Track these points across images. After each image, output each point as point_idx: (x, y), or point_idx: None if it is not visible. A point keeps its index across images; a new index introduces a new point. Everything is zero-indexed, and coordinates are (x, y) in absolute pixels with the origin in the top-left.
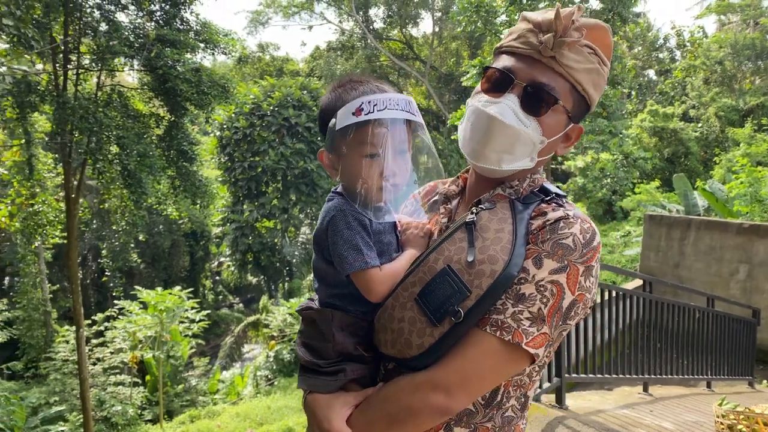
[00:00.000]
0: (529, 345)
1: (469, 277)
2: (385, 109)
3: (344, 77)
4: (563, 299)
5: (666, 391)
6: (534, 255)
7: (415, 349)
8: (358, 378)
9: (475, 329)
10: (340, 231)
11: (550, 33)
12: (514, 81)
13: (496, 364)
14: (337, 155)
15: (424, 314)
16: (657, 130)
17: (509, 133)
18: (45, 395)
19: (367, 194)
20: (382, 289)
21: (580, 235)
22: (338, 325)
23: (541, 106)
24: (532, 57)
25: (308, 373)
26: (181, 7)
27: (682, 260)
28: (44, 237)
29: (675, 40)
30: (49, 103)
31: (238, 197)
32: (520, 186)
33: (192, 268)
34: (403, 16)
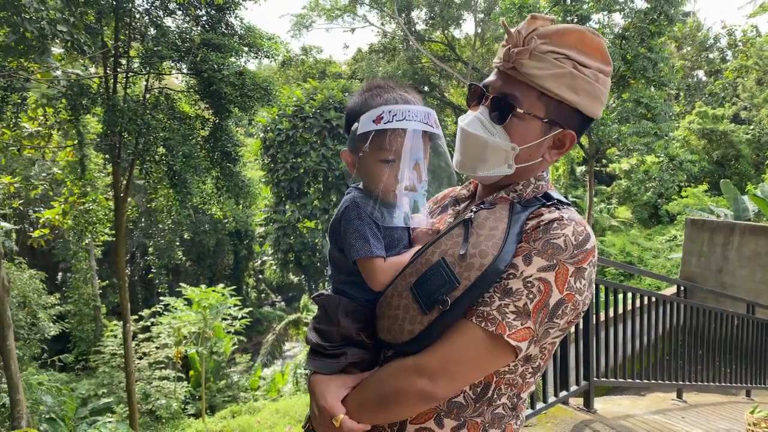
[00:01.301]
0: (512, 337)
1: (460, 270)
2: (403, 120)
3: (373, 81)
4: (550, 297)
5: (701, 398)
6: (524, 252)
7: (406, 335)
8: (358, 362)
9: (462, 319)
10: (352, 221)
11: (511, 46)
12: (485, 93)
13: (479, 353)
14: (357, 157)
15: (416, 302)
16: (706, 133)
17: (476, 143)
18: (94, 387)
19: (381, 196)
20: (384, 279)
21: (572, 237)
22: (344, 311)
23: (505, 114)
24: (500, 69)
25: (314, 355)
26: (227, 12)
27: (725, 266)
28: (94, 234)
29: (726, 39)
30: (100, 105)
31: (281, 198)
32: (523, 191)
33: (236, 266)
34: (446, 17)
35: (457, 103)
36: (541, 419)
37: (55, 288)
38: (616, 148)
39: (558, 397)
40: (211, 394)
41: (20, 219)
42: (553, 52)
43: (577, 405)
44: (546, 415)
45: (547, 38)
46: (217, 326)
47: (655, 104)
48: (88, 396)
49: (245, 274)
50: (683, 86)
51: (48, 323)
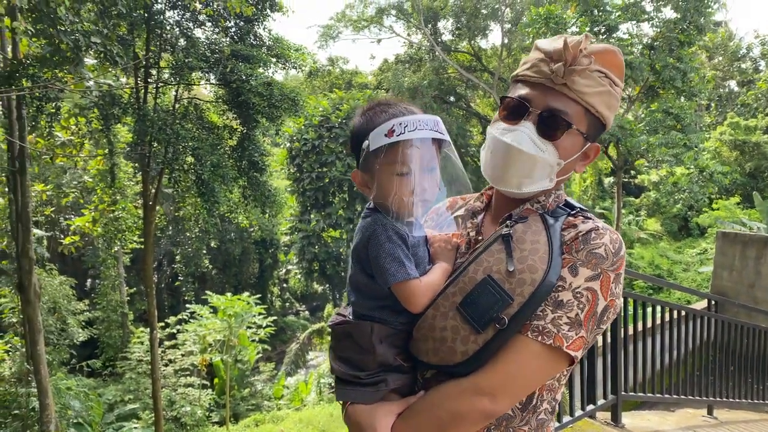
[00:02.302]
0: (570, 348)
1: (511, 286)
2: (415, 130)
3: (373, 101)
4: (597, 305)
5: (733, 415)
6: (570, 264)
7: (459, 356)
8: (398, 388)
9: (517, 335)
10: (382, 244)
11: (560, 62)
12: (530, 108)
13: (537, 367)
14: (371, 174)
15: (466, 322)
16: (738, 144)
17: (527, 160)
18: (120, 393)
19: (400, 210)
20: (423, 300)
21: (611, 245)
22: (378, 337)
23: (556, 131)
24: (545, 85)
25: (348, 386)
26: (255, 23)
27: (758, 280)
28: (123, 242)
29: (759, 49)
30: (131, 115)
31: (306, 207)
32: (546, 201)
33: (261, 274)
34: (472, 28)
35: (483, 114)
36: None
37: (84, 294)
38: (644, 159)
39: (585, 410)
40: (235, 402)
41: (52, 226)
42: (597, 70)
43: (604, 419)
44: (572, 429)
45: (593, 56)
46: (241, 334)
47: (685, 115)
48: (114, 402)
49: (270, 283)
50: (714, 97)
51: (77, 329)
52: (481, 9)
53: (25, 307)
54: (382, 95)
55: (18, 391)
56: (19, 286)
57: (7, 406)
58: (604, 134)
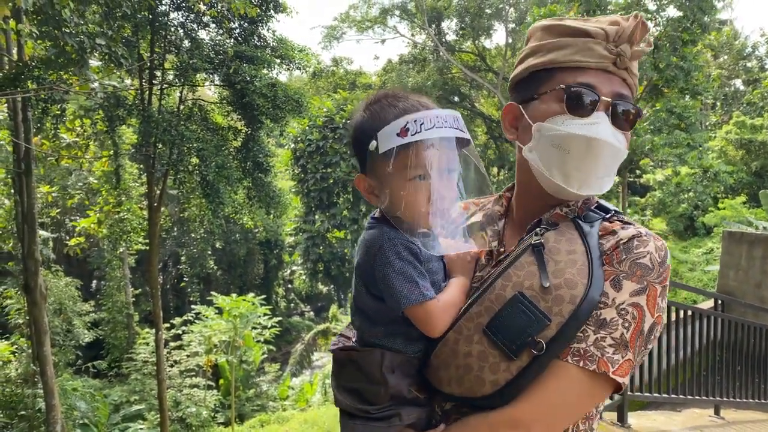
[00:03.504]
0: (616, 374)
1: (546, 304)
2: (433, 128)
3: (378, 93)
4: (644, 322)
5: (740, 415)
6: (612, 277)
7: (488, 387)
8: (414, 422)
9: (555, 360)
10: (391, 262)
11: (626, 43)
12: (600, 98)
13: (579, 396)
14: (379, 180)
15: (495, 347)
16: (744, 143)
17: (615, 155)
18: (126, 394)
19: (415, 221)
20: (443, 323)
21: (656, 254)
22: (389, 367)
23: (630, 120)
24: (606, 70)
25: (356, 420)
26: (259, 24)
27: (765, 279)
28: (128, 243)
29: (765, 47)
30: (136, 116)
31: (311, 208)
32: (576, 205)
33: (266, 275)
34: (476, 28)
35: (488, 114)
36: None
37: (89, 295)
38: (649, 158)
39: None
40: (240, 402)
41: (57, 228)
42: None
43: (610, 419)
44: None
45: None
46: (246, 335)
47: (689, 114)
48: (120, 402)
49: (275, 284)
50: (720, 95)
51: (83, 330)
52: (485, 9)
53: (31, 309)
54: None
55: (24, 392)
56: (25, 287)
57: (14, 407)
58: None
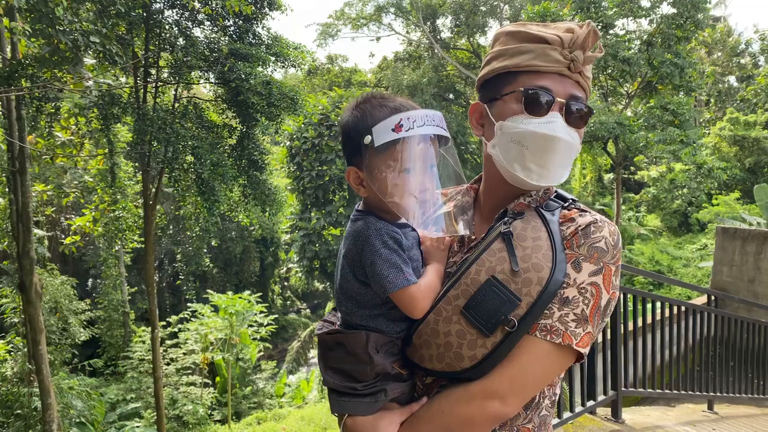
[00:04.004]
0: (579, 345)
1: (517, 286)
2: (424, 126)
3: (365, 94)
4: (601, 299)
5: (733, 410)
6: (572, 259)
7: (467, 361)
8: (398, 397)
9: (526, 335)
10: (378, 250)
11: (580, 50)
12: (555, 99)
13: (547, 367)
14: (370, 172)
15: (473, 326)
16: (737, 139)
17: (569, 150)
18: (122, 392)
19: (401, 210)
20: (425, 305)
21: (610, 238)
22: (374, 347)
23: (582, 119)
24: (561, 73)
25: (343, 397)
26: (254, 22)
27: (758, 275)
28: (124, 241)
29: (758, 44)
30: (131, 114)
31: (306, 205)
32: (537, 194)
33: (262, 273)
34: (471, 25)
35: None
36: (567, 429)
37: (85, 294)
38: (643, 155)
39: (585, 406)
40: (236, 400)
41: (52, 226)
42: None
43: (604, 415)
44: (573, 425)
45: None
46: (243, 333)
47: (683, 111)
48: (116, 401)
49: (271, 281)
50: (714, 92)
51: (78, 328)
52: (480, 6)
53: (27, 307)
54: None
55: (20, 390)
56: (21, 286)
57: (10, 406)
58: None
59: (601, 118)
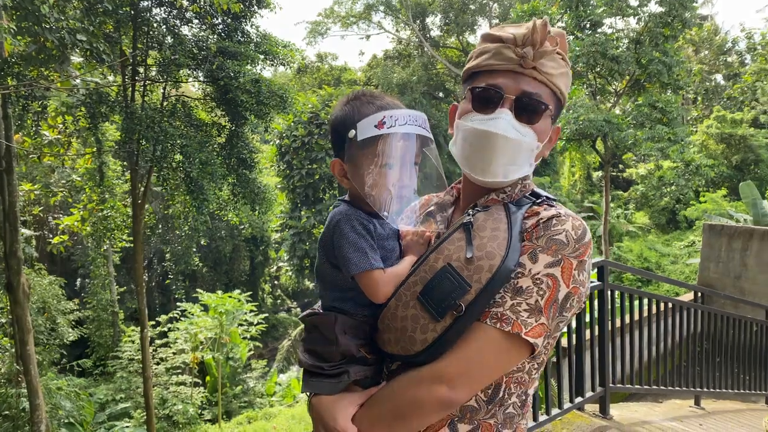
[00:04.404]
0: (528, 335)
1: (469, 273)
2: (405, 125)
3: (356, 92)
4: (559, 291)
5: (720, 405)
6: (530, 250)
7: (419, 345)
8: (360, 379)
9: (476, 322)
10: (346, 234)
11: (529, 46)
12: (504, 95)
13: (496, 354)
14: (354, 165)
15: (426, 311)
16: (724, 137)
17: (511, 146)
18: (112, 392)
19: (378, 202)
20: (386, 290)
21: (572, 231)
22: (341, 328)
23: (535, 114)
24: (514, 71)
25: (312, 377)
26: (242, 20)
27: (744, 272)
28: (113, 241)
29: (745, 42)
30: (119, 113)
31: (296, 204)
32: (512, 191)
33: (252, 272)
34: (460, 23)
35: None
36: (556, 425)
37: (73, 294)
38: (632, 153)
39: (573, 403)
40: (227, 399)
41: (40, 226)
42: (558, 53)
43: (593, 411)
44: (561, 422)
45: (556, 39)
46: (233, 332)
47: (671, 108)
48: (106, 401)
49: (261, 280)
50: (701, 90)
51: (67, 329)
52: (469, 4)
53: (14, 308)
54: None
55: (8, 391)
56: (8, 286)
57: None
58: (592, 129)
59: (590, 116)
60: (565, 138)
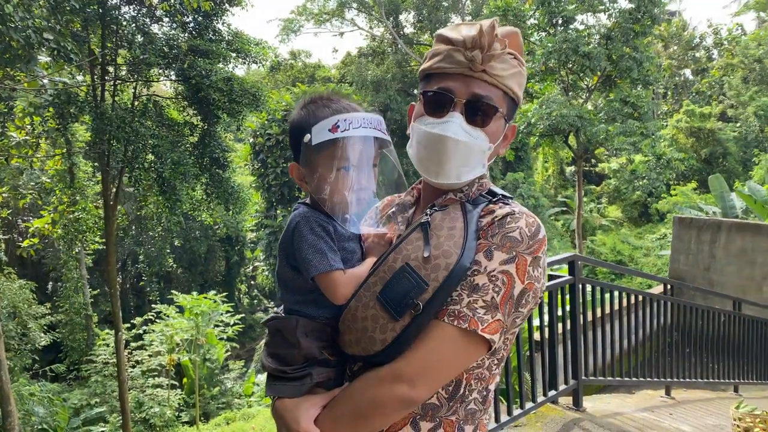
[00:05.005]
0: (485, 331)
1: (426, 272)
2: (359, 128)
3: (313, 95)
4: (514, 288)
5: (690, 395)
6: (485, 248)
7: (378, 345)
8: (323, 381)
9: (434, 321)
10: (305, 236)
11: (477, 49)
12: (454, 99)
13: (455, 352)
14: (310, 168)
15: (385, 310)
16: (693, 131)
17: (463, 149)
18: (86, 397)
19: (336, 205)
20: (346, 291)
21: (526, 228)
22: (303, 331)
23: (485, 117)
24: (464, 74)
25: (276, 381)
26: (214, 18)
27: (713, 263)
28: (85, 243)
29: (712, 38)
30: (88, 113)
31: (272, 203)
32: (469, 190)
33: (227, 272)
34: (434, 20)
35: None
36: (530, 419)
37: (45, 298)
38: (604, 148)
39: (547, 396)
40: (205, 401)
41: (9, 229)
42: (509, 53)
43: (566, 404)
44: (535, 415)
45: (505, 41)
46: (209, 333)
47: (642, 103)
48: (80, 406)
49: (237, 280)
50: (671, 85)
51: (39, 333)
52: (442, 1)
53: None
54: (346, 89)
55: None
56: None
57: None
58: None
59: (562, 111)
60: (538, 134)
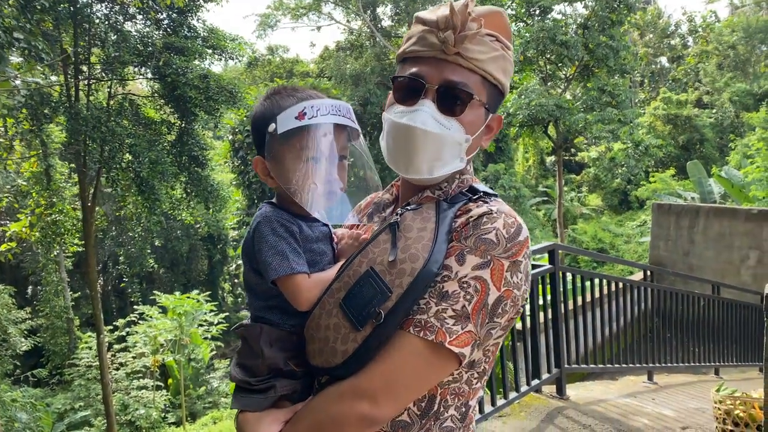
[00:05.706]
0: (453, 344)
1: (391, 278)
2: (328, 114)
3: (276, 87)
4: (488, 295)
5: (672, 379)
6: (457, 252)
7: (339, 357)
8: (289, 394)
9: (399, 331)
10: (265, 237)
11: (450, 30)
12: (426, 85)
13: (421, 366)
14: (276, 161)
15: (347, 319)
16: (671, 118)
17: (433, 140)
18: (70, 401)
19: (305, 200)
20: (310, 296)
21: (504, 230)
22: (267, 340)
23: (459, 104)
24: (437, 57)
25: (241, 392)
26: (188, 14)
27: (692, 248)
28: (64, 245)
29: (687, 26)
30: (63, 114)
31: (253, 200)
32: (448, 187)
33: (210, 271)
34: (411, 13)
35: None
36: (514, 408)
37: (25, 302)
38: (583, 136)
39: (530, 385)
40: (191, 401)
41: None
42: (488, 34)
43: (550, 393)
44: (519, 404)
45: (481, 20)
46: (193, 333)
47: (619, 92)
48: (64, 410)
49: (220, 279)
50: (647, 73)
51: (19, 338)
52: None
53: None
54: (324, 84)
55: None
56: None
57: None
58: (544, 114)
59: (541, 101)
60: (518, 124)
